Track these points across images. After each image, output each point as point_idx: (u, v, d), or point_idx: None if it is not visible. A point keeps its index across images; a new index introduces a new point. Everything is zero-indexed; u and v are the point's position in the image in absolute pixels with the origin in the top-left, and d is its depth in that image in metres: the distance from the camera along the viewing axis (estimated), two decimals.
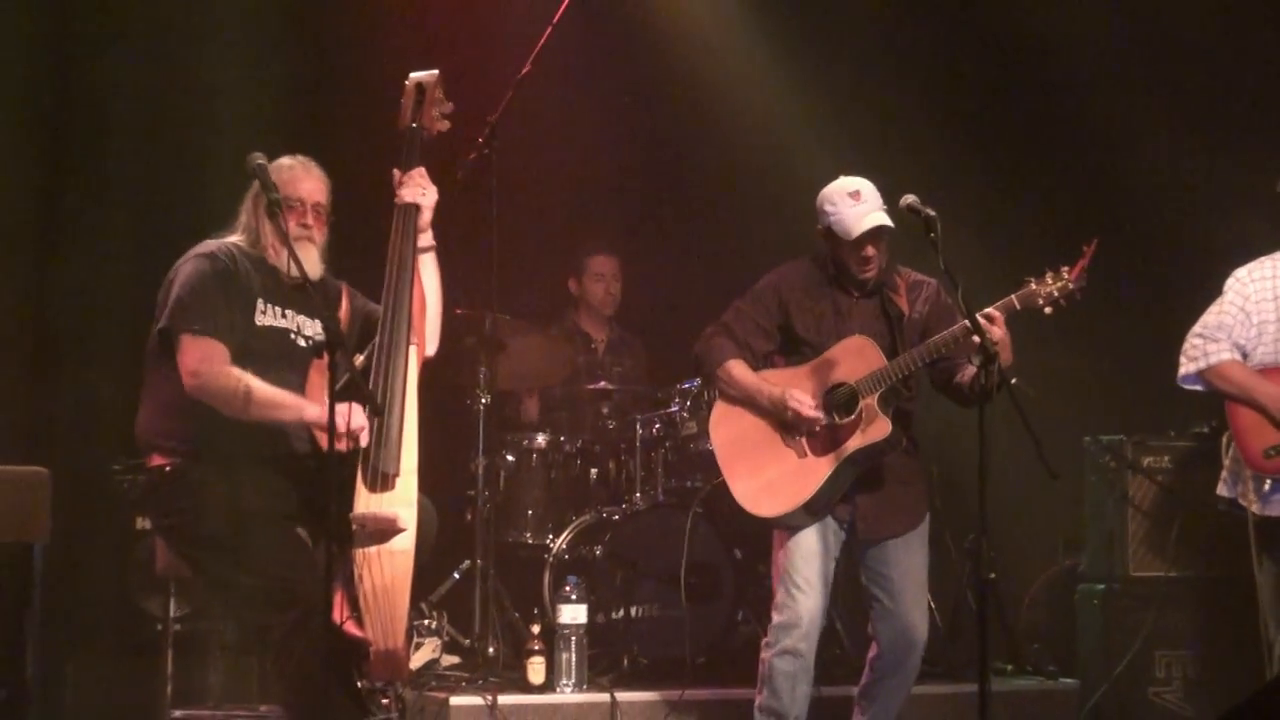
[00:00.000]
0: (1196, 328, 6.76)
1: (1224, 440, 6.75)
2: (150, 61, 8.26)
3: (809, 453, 6.43)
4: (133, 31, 8.21)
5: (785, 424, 6.45)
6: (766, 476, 6.46)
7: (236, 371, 5.67)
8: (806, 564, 6.46)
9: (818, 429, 6.40)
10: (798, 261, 6.69)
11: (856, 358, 6.43)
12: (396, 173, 5.98)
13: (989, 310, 6.15)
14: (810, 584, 6.45)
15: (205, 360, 5.67)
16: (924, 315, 6.57)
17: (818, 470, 6.40)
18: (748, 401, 6.53)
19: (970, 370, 6.24)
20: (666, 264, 9.35)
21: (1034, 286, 6.19)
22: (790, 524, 6.45)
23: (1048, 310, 6.19)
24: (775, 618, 6.50)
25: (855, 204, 6.40)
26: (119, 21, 8.20)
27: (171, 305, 5.75)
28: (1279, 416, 6.51)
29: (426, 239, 6.03)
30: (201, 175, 7.94)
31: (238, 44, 8.32)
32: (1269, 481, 6.53)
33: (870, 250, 6.45)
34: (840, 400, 6.41)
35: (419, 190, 5.95)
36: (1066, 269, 6.19)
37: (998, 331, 6.12)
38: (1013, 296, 6.15)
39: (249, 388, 5.64)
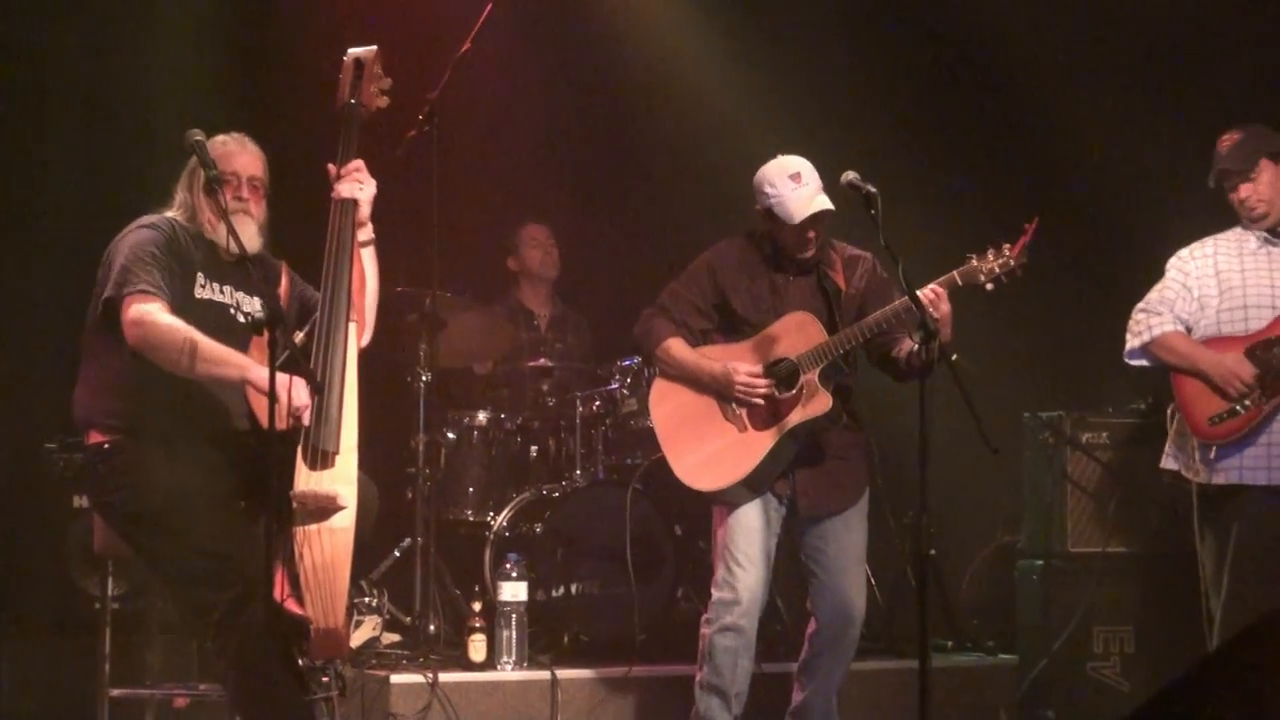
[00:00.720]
0: (1141, 304, 6.79)
1: (1169, 412, 6.78)
2: (86, 38, 8.19)
3: (749, 427, 6.43)
4: (68, 7, 8.11)
5: (726, 399, 6.44)
6: (707, 451, 6.45)
7: (180, 323, 5.58)
8: (747, 540, 6.45)
9: (759, 403, 6.39)
10: (732, 240, 6.68)
11: (797, 333, 6.43)
12: (332, 167, 5.91)
13: (932, 286, 6.16)
14: (751, 560, 6.44)
15: (146, 312, 5.59)
16: (861, 290, 6.56)
17: (759, 444, 6.39)
18: (688, 378, 6.52)
19: (908, 345, 6.26)
20: (609, 240, 9.35)
21: (976, 263, 6.20)
22: (731, 499, 6.44)
23: (989, 286, 6.20)
24: (716, 594, 6.50)
25: (797, 186, 6.38)
26: None
27: (116, 274, 5.67)
28: (1221, 384, 6.52)
29: (366, 233, 5.97)
30: (138, 152, 7.89)
31: (174, 19, 8.25)
32: (1215, 449, 6.55)
33: (812, 233, 6.44)
34: (781, 375, 6.40)
35: (356, 185, 5.89)
36: (1008, 246, 6.21)
37: (944, 306, 6.14)
38: (955, 273, 6.16)
39: (194, 340, 5.55)
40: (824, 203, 6.36)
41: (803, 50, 9.24)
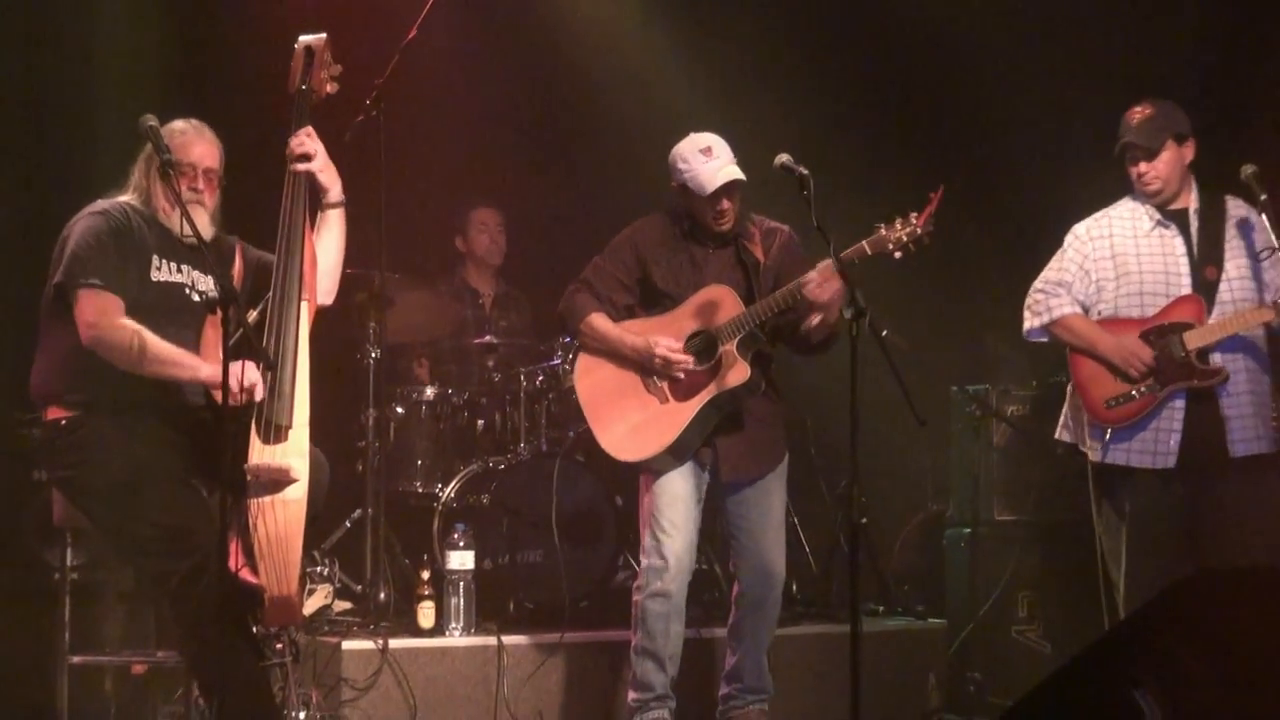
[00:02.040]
0: (1039, 283, 6.78)
1: (1069, 388, 6.82)
2: (33, 24, 8.12)
3: (671, 398, 6.50)
4: None
5: (648, 371, 6.51)
6: (631, 422, 6.53)
7: (132, 325, 5.63)
8: (672, 508, 6.53)
9: (680, 376, 6.45)
10: (653, 216, 6.75)
11: (715, 306, 6.51)
12: (291, 141, 5.94)
13: (819, 267, 6.26)
14: (676, 527, 6.52)
15: (101, 313, 5.64)
16: (777, 262, 6.63)
17: (680, 415, 6.47)
18: (610, 352, 6.59)
19: (815, 319, 6.33)
20: (551, 220, 9.36)
21: (884, 232, 6.25)
22: (657, 467, 6.51)
23: (898, 255, 6.25)
24: (645, 561, 6.58)
25: (708, 160, 6.46)
26: None
27: (67, 260, 5.71)
28: (1122, 366, 6.57)
29: (336, 194, 6.02)
30: (82, 133, 7.86)
31: (117, 5, 8.20)
32: (1109, 431, 6.61)
33: (725, 204, 6.51)
34: (700, 346, 6.48)
35: (304, 158, 5.91)
36: (915, 215, 6.26)
37: (833, 284, 6.22)
38: (864, 242, 6.21)
39: (144, 343, 5.61)
40: (734, 173, 6.44)
41: (735, 37, 9.26)
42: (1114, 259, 6.68)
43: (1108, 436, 6.58)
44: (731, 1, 9.32)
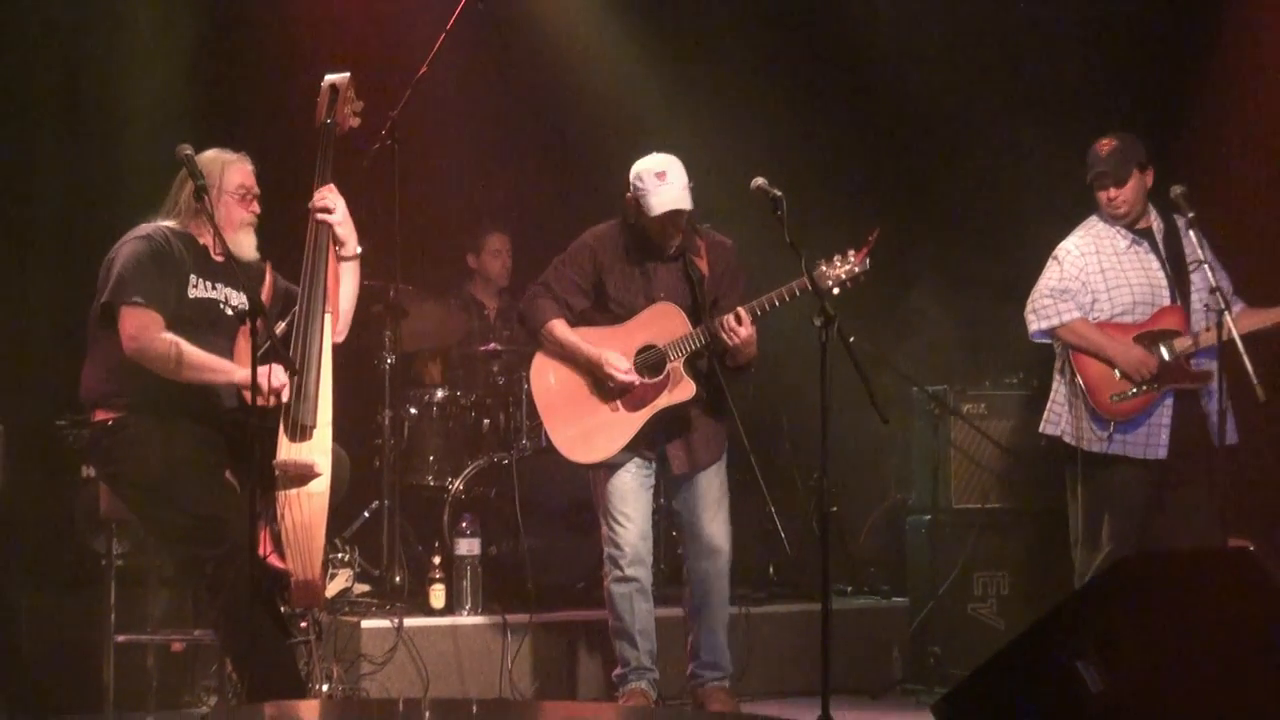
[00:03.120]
0: (1044, 289, 6.79)
1: (1058, 385, 6.84)
2: (71, 62, 8.10)
3: (621, 408, 6.49)
4: (50, 28, 8.03)
5: (599, 380, 6.49)
6: (582, 426, 6.52)
7: (170, 337, 5.66)
8: (624, 500, 6.53)
9: (630, 390, 6.45)
10: (610, 224, 6.68)
11: (663, 321, 6.48)
12: (314, 196, 5.93)
13: (737, 310, 6.26)
14: (629, 517, 6.52)
15: (142, 328, 5.67)
16: (718, 277, 6.58)
17: (628, 425, 6.47)
18: (566, 358, 6.55)
19: (734, 355, 6.36)
20: (551, 239, 9.31)
21: (824, 269, 6.23)
22: (606, 463, 6.51)
23: (836, 291, 6.22)
24: (606, 550, 6.59)
25: (661, 184, 6.39)
26: (38, 14, 8.03)
27: (113, 281, 5.74)
28: (1131, 370, 6.62)
29: (352, 247, 6.00)
30: (118, 156, 7.85)
31: (152, 44, 8.17)
32: (1113, 424, 6.66)
33: (670, 229, 6.46)
34: (650, 362, 6.46)
35: (326, 212, 5.91)
36: (853, 253, 6.26)
37: (743, 332, 6.25)
38: (804, 278, 6.05)
39: (181, 352, 5.64)
40: (680, 201, 6.37)
41: (715, 68, 9.24)
42: (1103, 273, 6.76)
43: (1111, 429, 6.63)
44: (716, 44, 9.30)
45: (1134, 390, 6.63)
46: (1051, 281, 6.81)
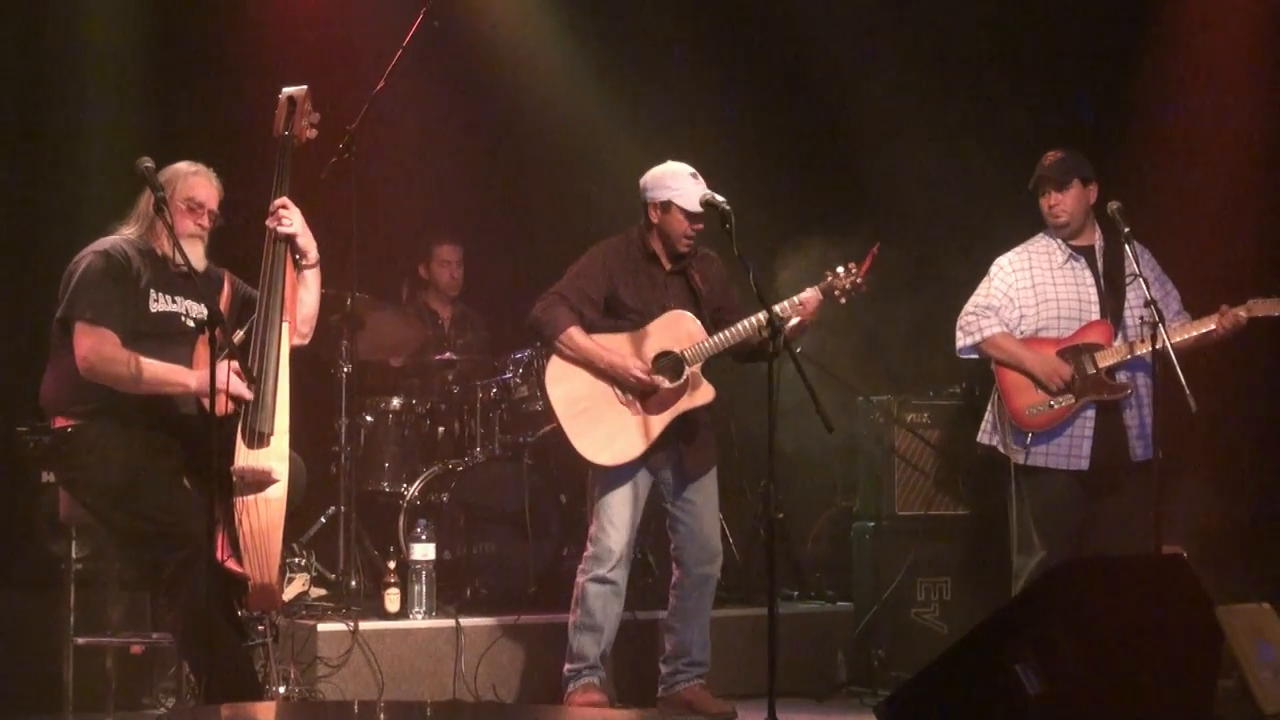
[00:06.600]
0: (970, 307, 6.88)
1: (993, 397, 6.90)
2: (31, 65, 8.05)
3: (642, 412, 6.52)
4: (6, 40, 8.00)
5: (619, 384, 6.53)
6: (605, 430, 6.54)
7: (125, 355, 5.66)
8: (621, 506, 6.59)
9: (651, 393, 6.49)
10: (617, 238, 6.75)
11: (677, 328, 6.55)
12: (271, 209, 5.92)
13: (805, 294, 6.37)
14: (623, 523, 6.58)
15: (95, 349, 5.67)
16: (711, 288, 6.69)
17: (651, 427, 6.52)
18: (585, 364, 6.58)
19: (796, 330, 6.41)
20: (504, 249, 9.35)
21: (831, 279, 6.39)
22: (623, 470, 6.54)
23: (842, 301, 6.41)
24: (590, 549, 6.63)
25: (694, 182, 6.49)
26: None
27: (68, 296, 5.75)
28: (1044, 380, 6.67)
29: (312, 256, 5.99)
30: (78, 173, 7.81)
31: (107, 55, 8.15)
32: (1030, 435, 6.71)
33: (700, 225, 6.55)
34: (668, 366, 6.50)
35: (286, 222, 5.90)
36: (854, 265, 6.37)
37: (811, 303, 6.38)
38: (819, 286, 6.37)
39: (139, 368, 5.63)
40: (716, 196, 6.39)
41: (662, 82, 9.28)
42: (1034, 288, 6.82)
43: (1029, 440, 6.70)
44: (675, 55, 9.33)
45: (1052, 403, 6.67)
46: (979, 299, 6.89)
